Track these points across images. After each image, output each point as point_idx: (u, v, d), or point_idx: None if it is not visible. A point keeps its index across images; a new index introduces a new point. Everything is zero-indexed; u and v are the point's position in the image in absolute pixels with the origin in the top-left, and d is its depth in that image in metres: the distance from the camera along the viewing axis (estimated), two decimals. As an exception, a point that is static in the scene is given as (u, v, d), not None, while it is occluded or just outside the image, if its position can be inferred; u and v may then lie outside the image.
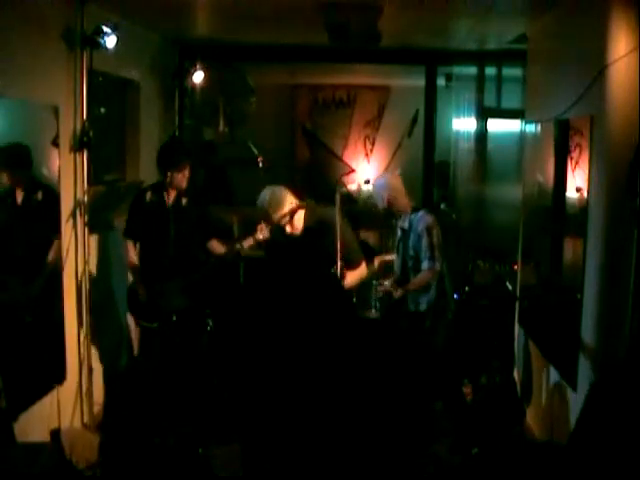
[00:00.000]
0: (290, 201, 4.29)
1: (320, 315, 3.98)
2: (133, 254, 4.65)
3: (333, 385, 3.58)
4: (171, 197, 4.60)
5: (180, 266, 4.51)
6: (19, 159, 3.88)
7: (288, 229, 4.33)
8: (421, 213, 4.58)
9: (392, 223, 4.90)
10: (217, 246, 4.70)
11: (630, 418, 1.65)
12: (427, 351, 4.63)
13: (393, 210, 4.67)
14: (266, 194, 4.31)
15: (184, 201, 4.58)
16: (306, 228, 4.35)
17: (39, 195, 4.02)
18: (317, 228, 4.28)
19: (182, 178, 4.53)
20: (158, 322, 4.52)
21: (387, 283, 4.61)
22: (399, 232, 4.71)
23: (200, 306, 4.65)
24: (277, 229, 4.37)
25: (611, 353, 3.29)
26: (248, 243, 4.48)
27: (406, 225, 4.61)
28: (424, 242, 4.47)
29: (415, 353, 4.59)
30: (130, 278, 4.76)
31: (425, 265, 4.49)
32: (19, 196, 3.91)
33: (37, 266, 4.07)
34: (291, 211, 4.27)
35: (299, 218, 4.33)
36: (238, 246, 4.51)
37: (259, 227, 4.39)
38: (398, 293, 4.56)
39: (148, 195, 4.62)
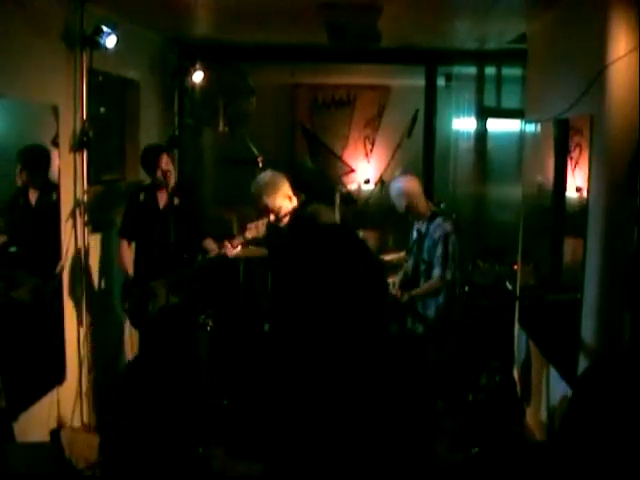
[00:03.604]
0: (286, 189, 4.16)
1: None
2: (127, 254, 4.67)
3: (336, 385, 3.56)
4: (164, 197, 4.62)
5: (173, 265, 4.51)
6: (40, 161, 3.93)
7: (272, 218, 4.17)
8: (439, 220, 4.53)
9: (405, 224, 4.86)
10: (211, 245, 4.72)
11: (620, 411, 1.66)
12: (431, 355, 4.62)
13: (411, 215, 4.64)
14: (263, 178, 4.19)
15: (176, 201, 4.57)
16: (291, 220, 4.24)
17: (53, 196, 4.06)
18: (301, 221, 4.17)
19: (168, 175, 4.55)
20: (148, 320, 4.54)
21: (392, 285, 4.61)
22: (415, 234, 4.67)
23: (192, 304, 4.66)
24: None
25: (611, 353, 3.28)
26: (238, 242, 4.49)
27: (423, 229, 4.56)
28: (439, 249, 4.43)
29: (418, 357, 4.58)
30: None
31: (436, 272, 4.46)
32: (32, 196, 3.94)
33: (51, 265, 4.11)
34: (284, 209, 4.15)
35: (286, 210, 4.16)
36: (228, 245, 4.52)
37: (248, 226, 4.39)
38: (404, 297, 4.55)
39: (142, 195, 4.67)
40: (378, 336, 3.51)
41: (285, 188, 4.17)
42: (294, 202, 4.20)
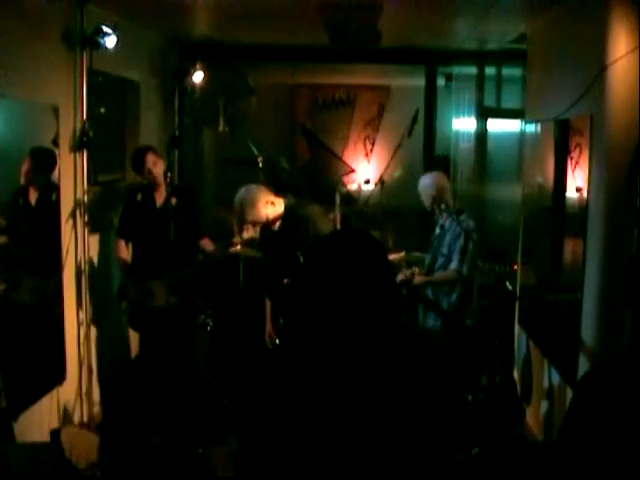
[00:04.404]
0: (264, 198, 4.16)
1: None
2: (125, 253, 4.67)
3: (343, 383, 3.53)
4: (161, 197, 4.62)
5: (170, 265, 4.51)
6: (47, 162, 3.94)
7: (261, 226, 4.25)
8: (464, 216, 4.55)
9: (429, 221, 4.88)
10: (208, 244, 4.72)
11: (620, 414, 1.66)
12: (436, 353, 4.59)
13: (437, 208, 4.65)
14: (239, 197, 4.18)
15: (174, 201, 4.51)
16: (281, 225, 4.26)
17: (53, 196, 4.07)
18: (291, 226, 4.19)
19: (154, 174, 4.55)
20: (146, 321, 4.54)
21: (412, 269, 4.61)
22: (437, 229, 4.67)
23: (190, 303, 4.66)
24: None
25: (611, 353, 3.29)
26: (236, 242, 4.51)
27: (447, 224, 4.57)
28: (459, 243, 4.43)
29: (423, 354, 4.56)
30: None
31: (453, 265, 4.45)
32: (32, 196, 3.94)
33: (51, 265, 4.12)
34: (266, 215, 4.17)
35: (274, 215, 4.20)
36: (225, 245, 4.54)
37: (245, 226, 4.41)
38: (417, 279, 4.56)
39: (138, 195, 4.67)
40: (392, 338, 3.49)
41: (263, 197, 4.16)
42: (280, 204, 4.18)
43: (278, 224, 4.24)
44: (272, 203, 4.15)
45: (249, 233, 4.43)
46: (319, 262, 1.85)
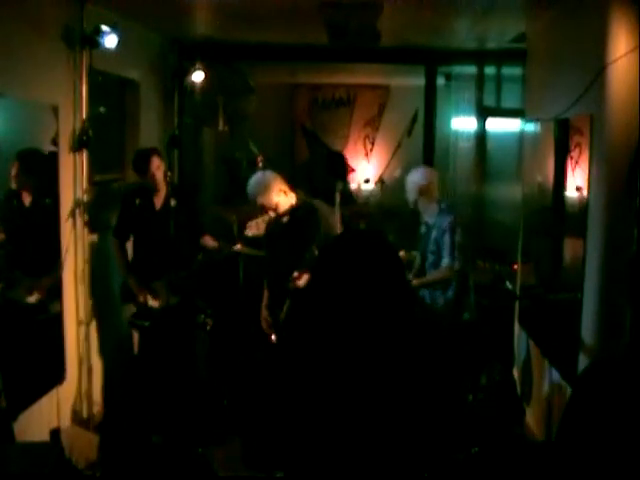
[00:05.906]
0: (278, 185, 4.29)
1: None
2: (120, 254, 4.68)
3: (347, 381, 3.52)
4: (160, 199, 4.62)
5: (170, 266, 4.51)
6: (36, 165, 3.93)
7: (272, 214, 4.35)
8: (447, 211, 4.54)
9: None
10: (210, 241, 4.73)
11: (619, 411, 1.66)
12: (435, 350, 4.58)
13: (422, 202, 4.59)
14: (254, 179, 4.35)
15: (173, 202, 4.50)
16: (291, 216, 4.33)
17: (47, 198, 4.06)
18: (302, 218, 4.27)
19: (157, 178, 4.56)
20: (149, 320, 4.54)
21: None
22: (423, 227, 4.66)
23: (192, 303, 4.66)
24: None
25: (611, 353, 3.29)
26: (238, 240, 4.54)
27: (431, 220, 4.55)
28: (447, 238, 4.40)
29: (421, 350, 4.54)
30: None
31: (445, 262, 4.41)
32: (26, 198, 3.92)
33: (49, 266, 4.10)
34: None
35: (283, 205, 4.31)
36: (227, 244, 4.56)
37: (248, 224, 4.45)
38: (414, 282, 4.54)
39: (137, 199, 4.65)
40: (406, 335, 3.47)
41: (277, 184, 4.31)
42: (291, 197, 4.28)
43: (286, 218, 4.31)
44: (285, 192, 4.27)
45: (252, 231, 4.46)
46: (335, 262, 1.84)
